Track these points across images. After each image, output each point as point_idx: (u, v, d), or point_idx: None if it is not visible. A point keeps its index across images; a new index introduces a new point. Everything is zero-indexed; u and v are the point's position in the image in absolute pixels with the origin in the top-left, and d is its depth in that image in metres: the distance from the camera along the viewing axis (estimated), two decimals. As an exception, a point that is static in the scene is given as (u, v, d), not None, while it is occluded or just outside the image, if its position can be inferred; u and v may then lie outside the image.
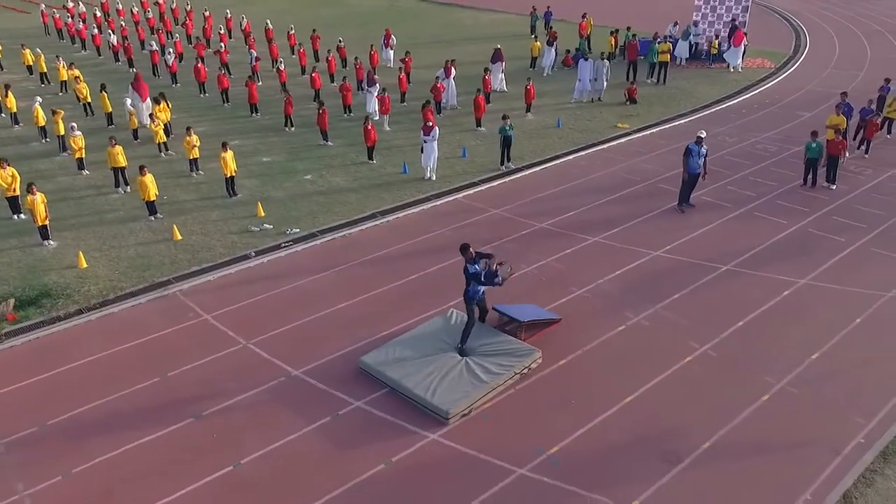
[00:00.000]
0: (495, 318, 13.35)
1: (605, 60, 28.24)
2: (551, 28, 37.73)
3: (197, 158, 21.38)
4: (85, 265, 16.04)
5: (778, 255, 15.80)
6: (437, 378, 11.56)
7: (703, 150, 17.74)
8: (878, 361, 12.19)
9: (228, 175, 19.64)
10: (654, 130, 24.74)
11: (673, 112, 26.67)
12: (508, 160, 21.52)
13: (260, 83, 30.08)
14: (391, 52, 34.66)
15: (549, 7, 40.98)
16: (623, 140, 23.77)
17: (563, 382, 11.87)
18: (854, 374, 11.87)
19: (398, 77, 28.13)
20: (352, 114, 26.89)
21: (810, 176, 19.38)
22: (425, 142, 20.39)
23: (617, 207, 18.55)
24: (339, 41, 34.05)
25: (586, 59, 27.82)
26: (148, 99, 25.26)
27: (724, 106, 27.38)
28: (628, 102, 27.69)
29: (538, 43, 33.41)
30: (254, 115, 27.32)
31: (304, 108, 26.84)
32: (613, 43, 33.80)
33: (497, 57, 29.72)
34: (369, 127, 21.90)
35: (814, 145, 19.03)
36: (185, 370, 12.42)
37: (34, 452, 10.62)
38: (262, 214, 18.49)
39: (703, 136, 17.87)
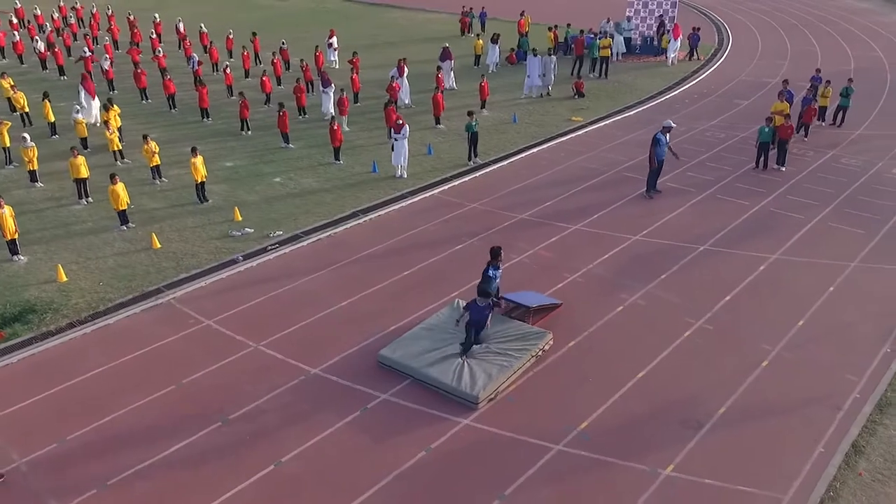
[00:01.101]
0: (502, 306, 13.74)
1: (553, 56, 29.10)
2: (474, 25, 38.46)
3: (158, 166, 20.88)
4: (65, 278, 15.51)
5: (747, 234, 16.85)
6: (459, 365, 11.87)
7: (668, 139, 18.68)
8: (858, 323, 13.27)
9: (199, 180, 19.31)
10: (606, 122, 25.71)
11: (620, 104, 27.77)
12: (475, 155, 21.97)
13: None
14: (335, 53, 34.55)
15: (483, 7, 41.69)
16: (580, 132, 24.62)
17: (577, 362, 12.39)
18: (839, 337, 12.89)
19: (350, 77, 28.14)
20: (306, 115, 26.75)
21: (762, 159, 20.65)
22: (396, 140, 20.59)
23: (589, 196, 19.28)
24: (283, 43, 33.69)
25: (535, 56, 28.56)
26: (97, 98, 24.49)
27: (667, 97, 28.69)
28: (576, 96, 28.63)
29: (481, 41, 33.99)
30: (205, 119, 26.80)
31: (254, 111, 26.46)
32: (553, 38, 34.74)
33: (446, 55, 30.15)
34: (335, 127, 21.92)
35: (766, 129, 20.29)
36: (200, 376, 12.28)
37: (61, 468, 10.34)
38: (240, 219, 18.29)
39: (672, 125, 18.82)
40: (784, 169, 20.66)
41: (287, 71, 32.34)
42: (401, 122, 20.58)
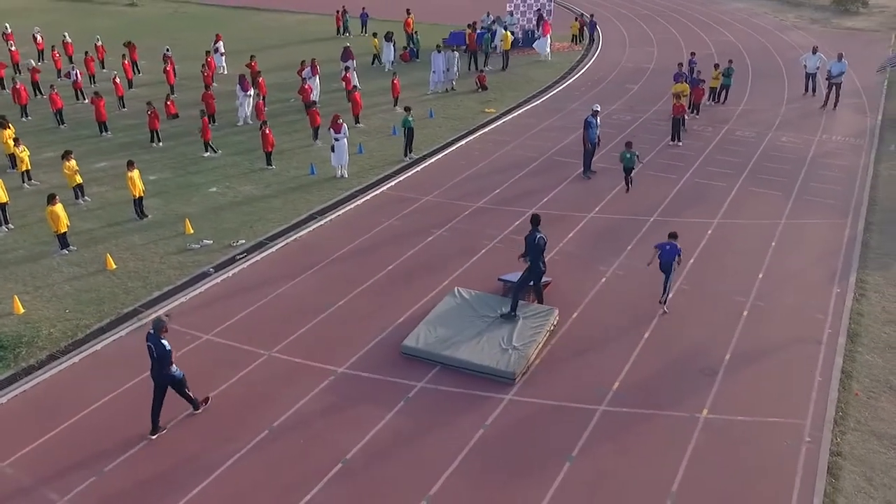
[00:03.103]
0: (501, 288, 14.36)
1: (455, 52, 29.98)
2: (351, 25, 38.77)
3: (81, 184, 19.56)
4: (22, 310, 14.33)
5: (685, 204, 18.53)
6: (486, 346, 12.37)
7: (598, 121, 20.06)
8: (806, 270, 15.16)
9: (137, 195, 18.33)
10: (518, 112, 26.94)
11: (524, 95, 29.15)
12: (410, 151, 22.36)
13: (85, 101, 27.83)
14: (223, 59, 33.46)
15: (364, 7, 41.80)
16: (498, 123, 25.66)
17: (586, 331, 13.27)
18: (796, 283, 14.67)
19: (257, 81, 27.47)
20: (215, 122, 25.86)
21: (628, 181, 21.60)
22: (336, 140, 20.56)
23: (532, 181, 20.30)
24: (167, 50, 32.17)
25: (439, 52, 29.28)
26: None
27: (563, 86, 30.42)
28: (480, 89, 29.67)
29: (376, 40, 34.22)
30: (104, 133, 25.21)
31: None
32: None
33: (347, 55, 30.18)
34: (267, 132, 21.50)
35: (628, 155, 20.95)
36: (224, 390, 11.94)
37: (110, 500, 9.78)
38: (192, 231, 17.61)
39: (598, 109, 20.19)
40: (681, 144, 22.69)
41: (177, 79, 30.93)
42: (340, 121, 20.57)
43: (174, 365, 10.86)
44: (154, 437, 10.85)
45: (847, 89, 26.73)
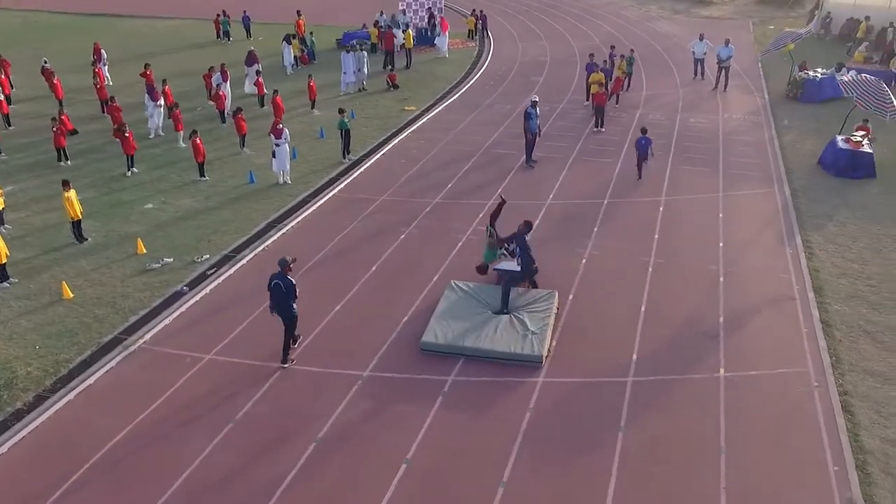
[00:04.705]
0: (495, 277, 14.64)
1: (364, 52, 29.80)
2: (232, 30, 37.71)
3: (2, 210, 17.82)
4: (-16, 352, 12.97)
5: (629, 185, 19.64)
6: (505, 334, 12.64)
7: (538, 111, 20.79)
8: (758, 236, 16.64)
9: (75, 218, 16.94)
10: (438, 109, 27.23)
11: (437, 91, 29.48)
12: (349, 152, 22.09)
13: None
14: (106, 68, 31.30)
15: (245, 11, 40.43)
16: (423, 120, 25.82)
17: (586, 311, 13.84)
18: (754, 249, 16.06)
19: (162, 91, 25.95)
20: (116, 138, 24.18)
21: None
22: (277, 145, 19.95)
23: (479, 174, 20.70)
24: (45, 62, 29.60)
25: (348, 52, 29.00)
26: None
27: (472, 82, 31.03)
28: (392, 88, 29.70)
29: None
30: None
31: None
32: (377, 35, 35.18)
33: (252, 59, 29.20)
34: (198, 141, 20.46)
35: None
36: (251, 408, 11.46)
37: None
38: (145, 251, 16.54)
39: (536, 100, 20.92)
40: (604, 130, 23.99)
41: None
42: (280, 125, 19.99)
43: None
44: (287, 365, 12.33)
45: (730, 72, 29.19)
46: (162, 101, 24.09)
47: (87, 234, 17.45)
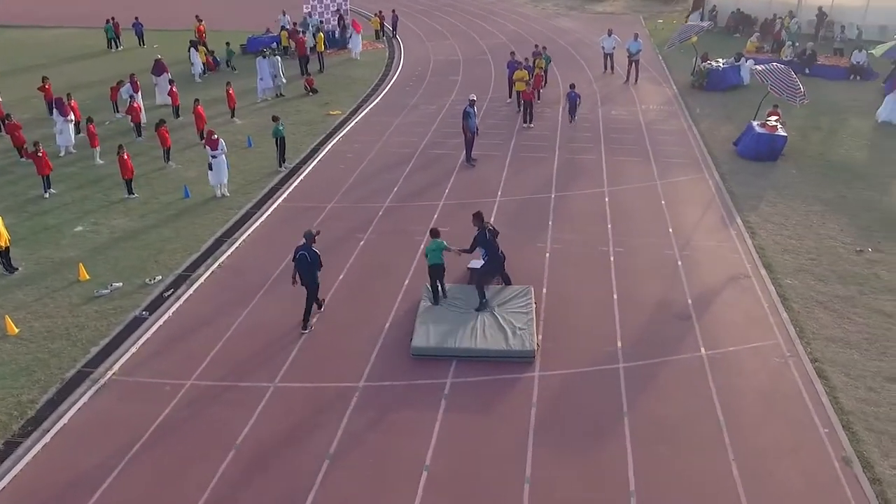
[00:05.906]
0: (468, 276, 14.70)
1: (278, 56, 29.06)
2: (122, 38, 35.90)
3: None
4: (-71, 400, 11.77)
5: (571, 178, 20.20)
6: (492, 332, 12.75)
7: (475, 110, 21.01)
8: (702, 219, 17.57)
9: (4, 246, 15.65)
10: (364, 112, 26.94)
11: (358, 94, 29.18)
12: (285, 160, 21.52)
13: None
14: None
15: (136, 17, 38.45)
16: (352, 124, 25.48)
17: (562, 303, 14.15)
18: (702, 231, 16.95)
19: (68, 105, 24.29)
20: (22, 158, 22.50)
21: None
22: (213, 157, 19.15)
23: (423, 175, 20.68)
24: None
25: (264, 58, 28.19)
26: None
27: (391, 83, 30.88)
28: (310, 93, 29.13)
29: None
30: None
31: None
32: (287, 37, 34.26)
33: (160, 68, 27.83)
34: (125, 157, 19.28)
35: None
36: (249, 432, 11.00)
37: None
38: (88, 277, 15.50)
39: (474, 99, 21.14)
40: (532, 125, 24.59)
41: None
42: (216, 136, 19.20)
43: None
44: (306, 331, 13.21)
45: (634, 65, 30.55)
46: (72, 117, 22.55)
47: (16, 262, 16.14)
